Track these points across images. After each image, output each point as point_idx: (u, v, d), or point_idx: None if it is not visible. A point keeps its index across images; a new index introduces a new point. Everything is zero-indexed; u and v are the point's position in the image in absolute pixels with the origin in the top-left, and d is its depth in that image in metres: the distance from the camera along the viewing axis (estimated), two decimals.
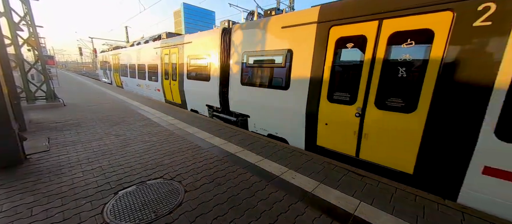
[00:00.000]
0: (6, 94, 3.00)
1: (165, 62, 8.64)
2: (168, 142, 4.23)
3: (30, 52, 7.46)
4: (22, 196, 2.38)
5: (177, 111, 7.06)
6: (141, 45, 11.03)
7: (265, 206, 2.36)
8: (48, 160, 3.26)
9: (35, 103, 7.21)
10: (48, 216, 2.09)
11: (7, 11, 6.18)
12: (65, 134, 4.47)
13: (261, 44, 4.93)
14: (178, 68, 7.80)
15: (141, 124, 5.45)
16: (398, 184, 2.91)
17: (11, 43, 6.28)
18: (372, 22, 3.22)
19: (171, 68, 8.32)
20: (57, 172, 2.93)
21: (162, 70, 8.94)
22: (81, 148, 3.79)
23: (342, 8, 3.56)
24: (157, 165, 3.24)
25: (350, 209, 2.36)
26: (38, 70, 7.38)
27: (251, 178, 2.96)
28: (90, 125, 5.22)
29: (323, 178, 3.01)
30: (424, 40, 2.82)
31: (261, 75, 5.08)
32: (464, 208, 2.44)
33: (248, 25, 5.35)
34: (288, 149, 4.02)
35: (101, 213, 2.16)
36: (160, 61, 8.93)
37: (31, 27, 7.00)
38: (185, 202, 2.38)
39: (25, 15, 6.82)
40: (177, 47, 7.87)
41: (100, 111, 6.83)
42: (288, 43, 4.36)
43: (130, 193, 2.51)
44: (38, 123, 5.19)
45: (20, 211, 2.14)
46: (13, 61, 6.38)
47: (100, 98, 9.31)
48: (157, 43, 9.22)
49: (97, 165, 3.18)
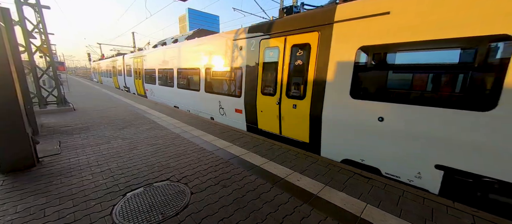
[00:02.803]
0: (21, 100, 3.12)
1: (275, 63, 4.77)
2: (174, 145, 4.29)
3: (42, 58, 7.72)
4: (35, 197, 2.47)
5: (181, 114, 7.14)
6: (196, 41, 7.67)
7: (271, 208, 2.37)
8: (59, 163, 3.37)
9: (47, 108, 7.45)
10: (60, 217, 2.16)
11: (21, 20, 6.47)
12: (75, 138, 4.61)
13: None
14: (315, 73, 4.01)
15: (148, 127, 5.56)
16: (406, 187, 2.87)
17: (24, 50, 6.54)
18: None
19: (290, 75, 4.51)
20: (67, 174, 3.02)
21: (256, 78, 5.22)
22: (90, 151, 3.89)
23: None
24: (163, 168, 3.29)
25: (357, 211, 2.34)
26: (49, 76, 7.64)
27: (256, 180, 2.97)
28: (99, 128, 5.36)
29: (329, 181, 2.99)
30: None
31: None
32: (475, 211, 2.39)
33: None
34: (293, 152, 4.02)
35: (110, 215, 2.22)
36: (258, 60, 5.13)
37: (43, 34, 7.27)
38: (191, 204, 2.42)
39: (38, 23, 7.10)
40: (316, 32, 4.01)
41: (107, 115, 7.00)
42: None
43: (138, 195, 2.56)
44: (49, 127, 5.36)
45: (33, 212, 2.22)
46: (26, 67, 6.64)
47: (107, 103, 9.54)
48: (242, 33, 5.61)
49: (106, 167, 3.26)
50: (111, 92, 13.62)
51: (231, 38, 5.97)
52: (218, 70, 6.54)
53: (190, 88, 8.01)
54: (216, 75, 6.67)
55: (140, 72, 12.55)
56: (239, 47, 5.66)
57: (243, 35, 5.53)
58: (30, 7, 6.89)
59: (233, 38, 5.89)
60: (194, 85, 7.73)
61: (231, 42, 5.95)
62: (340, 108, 3.68)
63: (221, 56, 6.36)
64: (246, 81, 5.45)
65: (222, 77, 6.52)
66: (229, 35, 6.08)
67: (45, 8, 7.22)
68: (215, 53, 6.64)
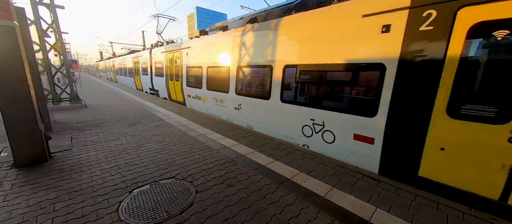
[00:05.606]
0: (34, 97, 3.22)
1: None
2: (180, 142, 4.32)
3: (57, 57, 7.97)
4: (46, 192, 2.54)
5: (188, 112, 7.19)
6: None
7: (276, 209, 2.32)
8: (70, 159, 3.46)
9: (60, 105, 7.70)
10: (69, 212, 2.21)
11: (37, 19, 6.69)
12: (86, 134, 4.73)
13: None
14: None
15: (155, 124, 5.63)
16: (418, 190, 2.74)
17: (39, 49, 6.77)
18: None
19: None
20: (77, 170, 3.10)
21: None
22: (100, 147, 3.98)
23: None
24: (169, 165, 3.31)
25: (365, 215, 2.25)
26: (63, 73, 7.89)
27: (262, 180, 2.93)
28: (109, 125, 5.48)
29: (336, 182, 2.90)
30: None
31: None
32: (494, 219, 2.24)
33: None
34: (299, 152, 3.94)
35: (117, 211, 2.24)
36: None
37: (57, 33, 7.50)
38: (196, 203, 2.41)
39: (52, 22, 7.33)
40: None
41: (117, 112, 7.16)
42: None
43: (144, 192, 2.58)
44: (62, 124, 5.54)
45: (44, 206, 2.28)
46: (41, 65, 6.88)
47: (117, 100, 9.76)
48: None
49: (114, 164, 3.31)
50: (121, 90, 13.94)
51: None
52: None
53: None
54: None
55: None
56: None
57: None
58: (45, 7, 7.12)
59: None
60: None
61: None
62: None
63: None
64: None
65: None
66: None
67: (59, 8, 7.45)
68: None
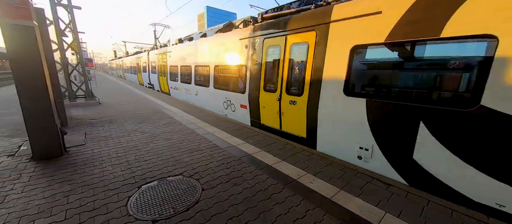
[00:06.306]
0: (51, 94, 3.37)
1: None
2: (188, 140, 4.38)
3: (73, 55, 8.33)
4: (61, 185, 2.66)
5: (196, 111, 7.29)
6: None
7: (281, 210, 2.30)
8: (84, 153, 3.60)
9: (76, 101, 8.05)
10: (81, 204, 2.30)
11: (55, 20, 7.01)
12: (99, 130, 4.91)
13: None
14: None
15: (165, 122, 5.75)
16: (430, 196, 2.62)
17: (57, 48, 7.10)
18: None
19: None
20: (90, 164, 3.22)
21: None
22: (111, 143, 4.11)
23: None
24: (177, 162, 3.37)
25: (374, 220, 2.19)
26: (79, 71, 8.24)
27: (268, 180, 2.92)
28: (120, 122, 5.66)
29: (344, 185, 2.84)
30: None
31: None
32: None
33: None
34: (306, 152, 3.89)
35: (126, 206, 2.31)
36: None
37: (74, 33, 7.83)
38: (202, 200, 2.43)
39: (70, 22, 7.66)
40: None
41: (129, 109, 7.38)
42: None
43: (152, 188, 2.64)
44: (77, 120, 5.78)
45: (58, 199, 2.38)
46: (59, 63, 7.21)
47: (129, 97, 10.06)
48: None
49: (124, 159, 3.41)
50: (131, 87, 14.36)
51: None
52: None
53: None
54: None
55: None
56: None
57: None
58: (63, 7, 7.45)
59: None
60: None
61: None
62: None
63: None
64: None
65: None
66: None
67: (76, 8, 7.76)
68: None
